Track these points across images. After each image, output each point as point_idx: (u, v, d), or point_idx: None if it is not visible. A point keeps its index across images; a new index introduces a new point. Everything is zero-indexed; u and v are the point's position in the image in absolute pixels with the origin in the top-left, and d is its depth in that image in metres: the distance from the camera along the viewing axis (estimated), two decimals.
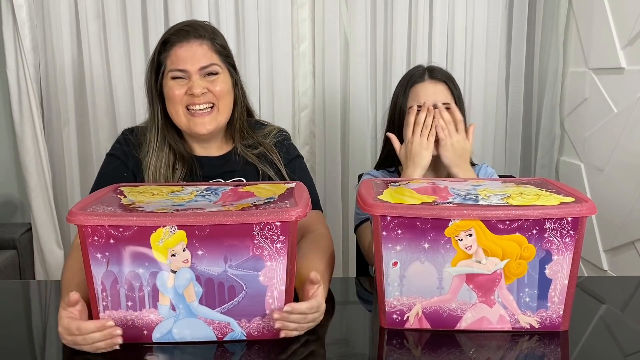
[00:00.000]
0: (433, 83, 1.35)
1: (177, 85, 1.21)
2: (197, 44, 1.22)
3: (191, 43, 1.21)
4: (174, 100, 1.22)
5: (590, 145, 2.07)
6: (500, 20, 2.28)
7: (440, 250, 0.89)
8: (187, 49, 1.21)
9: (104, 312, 0.87)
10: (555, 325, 0.92)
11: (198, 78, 1.21)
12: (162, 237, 0.83)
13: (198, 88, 1.19)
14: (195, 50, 1.21)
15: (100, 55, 2.21)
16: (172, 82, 1.22)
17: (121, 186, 1.02)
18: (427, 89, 1.35)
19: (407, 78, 1.41)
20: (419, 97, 1.35)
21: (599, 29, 1.98)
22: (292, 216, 0.84)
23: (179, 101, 1.21)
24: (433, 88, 1.34)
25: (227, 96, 1.25)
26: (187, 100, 1.21)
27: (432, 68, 1.41)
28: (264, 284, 0.86)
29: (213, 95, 1.22)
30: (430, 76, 1.37)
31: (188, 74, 1.21)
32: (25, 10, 2.11)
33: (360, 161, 2.29)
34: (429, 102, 1.32)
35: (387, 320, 0.93)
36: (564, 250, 0.88)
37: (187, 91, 1.20)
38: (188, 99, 1.21)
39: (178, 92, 1.21)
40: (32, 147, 2.20)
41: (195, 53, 1.21)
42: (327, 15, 2.21)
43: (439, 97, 1.34)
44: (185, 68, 1.20)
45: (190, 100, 1.21)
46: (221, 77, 1.24)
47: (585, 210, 0.86)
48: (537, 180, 1.08)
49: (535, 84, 2.37)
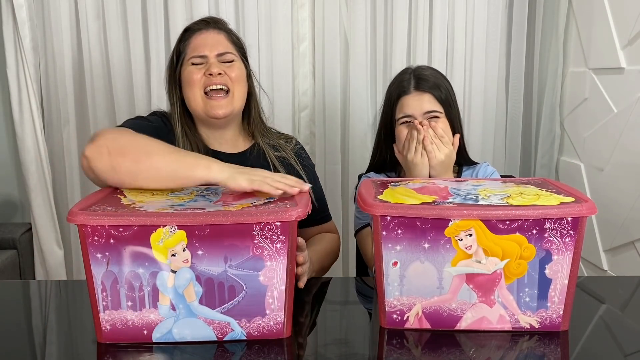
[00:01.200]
0: (419, 94, 1.38)
1: (195, 69, 1.27)
2: (215, 32, 1.30)
3: (210, 31, 1.30)
4: (191, 83, 1.26)
5: (590, 145, 2.07)
6: (500, 20, 2.28)
7: (440, 250, 0.89)
8: (206, 37, 1.29)
9: (104, 312, 0.87)
10: (555, 325, 0.92)
11: (216, 62, 1.27)
12: (162, 237, 0.83)
13: (216, 67, 1.25)
14: (214, 37, 1.29)
15: (100, 55, 2.21)
16: (191, 67, 1.27)
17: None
18: (413, 101, 1.38)
19: (395, 86, 1.44)
20: (405, 109, 1.39)
21: (599, 29, 1.98)
22: (292, 216, 0.84)
23: (197, 84, 1.26)
24: (419, 100, 1.38)
25: (242, 82, 1.30)
26: (204, 82, 1.26)
27: (419, 76, 1.41)
28: (264, 284, 0.86)
29: (229, 79, 1.27)
30: (416, 87, 1.39)
31: (206, 59, 1.27)
32: (25, 10, 2.11)
33: (360, 161, 2.29)
34: (416, 114, 1.37)
35: (387, 320, 0.93)
36: (564, 250, 0.88)
37: (205, 72, 1.25)
38: (206, 80, 1.26)
39: (196, 76, 1.26)
40: (32, 147, 2.20)
41: (213, 39, 1.29)
42: (327, 15, 2.21)
43: (425, 107, 1.37)
44: (204, 53, 1.27)
45: (208, 81, 1.26)
46: (237, 64, 1.30)
47: (585, 210, 0.86)
48: (537, 180, 1.08)
49: (535, 84, 2.37)
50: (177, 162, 0.95)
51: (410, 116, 1.38)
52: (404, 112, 1.39)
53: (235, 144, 1.35)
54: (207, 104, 1.26)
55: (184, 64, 1.28)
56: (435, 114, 1.37)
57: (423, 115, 1.37)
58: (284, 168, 1.35)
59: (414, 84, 1.40)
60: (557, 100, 2.31)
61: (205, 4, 2.16)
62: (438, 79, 1.41)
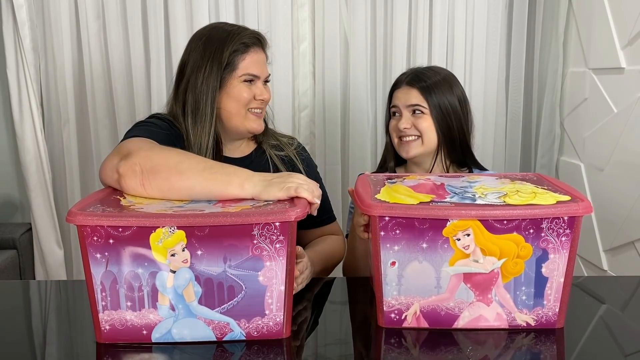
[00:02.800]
0: (408, 88, 1.45)
1: (247, 89, 1.29)
2: (262, 51, 1.33)
3: (262, 52, 1.33)
4: (241, 101, 1.28)
5: (590, 145, 2.07)
6: (500, 20, 2.28)
7: (438, 249, 0.89)
8: (261, 57, 1.32)
9: (103, 312, 0.87)
10: (551, 323, 0.93)
11: (262, 85, 1.32)
12: (162, 237, 0.83)
13: (267, 94, 1.32)
14: (263, 58, 1.33)
15: (100, 55, 2.21)
16: (243, 85, 1.29)
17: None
18: (402, 93, 1.46)
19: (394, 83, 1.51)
20: (394, 99, 1.48)
21: (599, 29, 1.98)
22: (291, 216, 0.84)
23: (245, 102, 1.29)
24: (406, 93, 1.44)
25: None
26: (251, 103, 1.30)
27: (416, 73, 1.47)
28: (264, 284, 0.87)
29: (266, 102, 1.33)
30: (408, 82, 1.46)
31: (257, 79, 1.30)
32: (25, 10, 2.11)
33: (360, 161, 2.29)
34: (401, 105, 1.45)
35: (385, 320, 0.93)
36: (560, 249, 0.89)
37: (257, 96, 1.29)
38: (254, 102, 1.30)
39: (247, 96, 1.29)
40: (32, 147, 2.20)
41: (263, 60, 1.33)
42: (327, 15, 2.21)
43: (410, 100, 1.43)
44: (257, 74, 1.30)
45: (256, 105, 1.30)
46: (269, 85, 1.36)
47: (582, 209, 0.87)
48: (532, 176, 1.08)
49: (535, 84, 2.37)
50: (210, 181, 0.95)
51: (397, 107, 1.46)
52: (393, 103, 1.48)
53: (242, 150, 1.38)
54: (249, 119, 1.30)
55: (233, 77, 1.27)
56: (418, 108, 1.42)
57: (406, 107, 1.43)
58: (285, 168, 1.36)
59: (407, 80, 1.46)
60: (557, 100, 2.31)
61: (205, 4, 2.16)
62: (438, 82, 1.43)
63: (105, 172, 1.01)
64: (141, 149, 1.01)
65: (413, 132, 1.43)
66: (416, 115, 1.42)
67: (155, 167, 0.96)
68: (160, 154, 1.00)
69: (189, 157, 1.01)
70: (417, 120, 1.42)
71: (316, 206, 0.94)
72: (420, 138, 1.43)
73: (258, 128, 1.32)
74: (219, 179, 0.95)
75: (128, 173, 0.96)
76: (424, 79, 1.43)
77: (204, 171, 0.96)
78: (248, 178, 0.95)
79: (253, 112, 1.30)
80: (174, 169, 0.96)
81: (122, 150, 1.02)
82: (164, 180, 0.95)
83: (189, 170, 0.95)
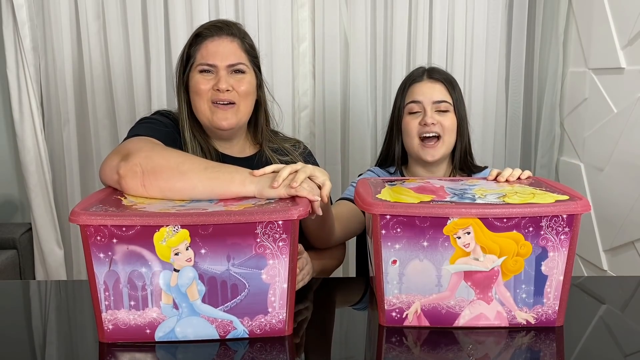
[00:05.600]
0: (431, 82, 1.37)
1: (203, 79, 1.23)
2: (229, 40, 1.24)
3: (222, 39, 1.24)
4: (199, 94, 1.23)
5: (590, 145, 2.08)
6: (500, 20, 2.28)
7: (438, 248, 0.89)
8: (218, 44, 1.23)
9: (106, 312, 0.87)
10: (551, 321, 0.93)
11: (225, 74, 1.23)
12: (166, 236, 0.83)
13: (224, 84, 1.21)
14: (226, 46, 1.23)
15: (100, 55, 2.21)
16: (199, 76, 1.23)
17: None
18: (425, 87, 1.36)
19: (407, 78, 1.44)
20: (415, 94, 1.37)
21: (599, 29, 1.99)
22: (294, 215, 0.84)
23: (204, 94, 1.23)
24: (430, 87, 1.36)
25: (249, 96, 1.27)
26: (212, 95, 1.23)
27: (432, 69, 1.43)
28: (267, 282, 0.87)
29: (237, 94, 1.24)
30: (428, 76, 1.39)
31: (216, 69, 1.23)
32: (25, 10, 2.11)
33: (360, 161, 2.29)
34: (425, 101, 1.34)
35: (386, 318, 0.94)
36: (559, 247, 0.89)
37: (214, 86, 1.22)
38: (213, 94, 1.23)
39: (204, 87, 1.22)
40: (32, 147, 2.20)
41: (225, 49, 1.23)
42: (327, 15, 2.21)
43: (436, 96, 1.35)
44: (214, 63, 1.22)
45: (215, 96, 1.23)
46: (247, 77, 1.26)
47: (580, 207, 0.88)
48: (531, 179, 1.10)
49: (535, 84, 2.37)
50: (212, 180, 0.95)
51: (419, 103, 1.34)
52: (413, 98, 1.36)
53: (242, 150, 1.35)
54: (213, 114, 1.23)
55: (193, 70, 1.24)
56: (445, 105, 1.34)
57: (432, 104, 1.33)
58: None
59: (427, 74, 1.39)
60: (557, 100, 2.31)
61: (205, 4, 2.16)
62: (452, 79, 1.42)
63: (105, 172, 1.02)
64: (142, 150, 1.01)
65: (437, 130, 1.33)
66: (441, 112, 1.34)
67: (156, 167, 0.96)
68: (161, 155, 1.00)
69: (189, 157, 1.02)
70: (442, 118, 1.34)
71: (318, 204, 0.94)
72: (441, 138, 1.34)
73: (224, 124, 1.23)
74: (221, 178, 0.95)
75: (129, 174, 0.96)
76: (443, 74, 1.39)
77: (205, 170, 0.96)
78: (250, 176, 0.96)
79: (218, 106, 1.23)
80: (175, 170, 0.96)
81: (123, 150, 1.02)
82: (165, 180, 0.95)
83: (190, 171, 0.96)
